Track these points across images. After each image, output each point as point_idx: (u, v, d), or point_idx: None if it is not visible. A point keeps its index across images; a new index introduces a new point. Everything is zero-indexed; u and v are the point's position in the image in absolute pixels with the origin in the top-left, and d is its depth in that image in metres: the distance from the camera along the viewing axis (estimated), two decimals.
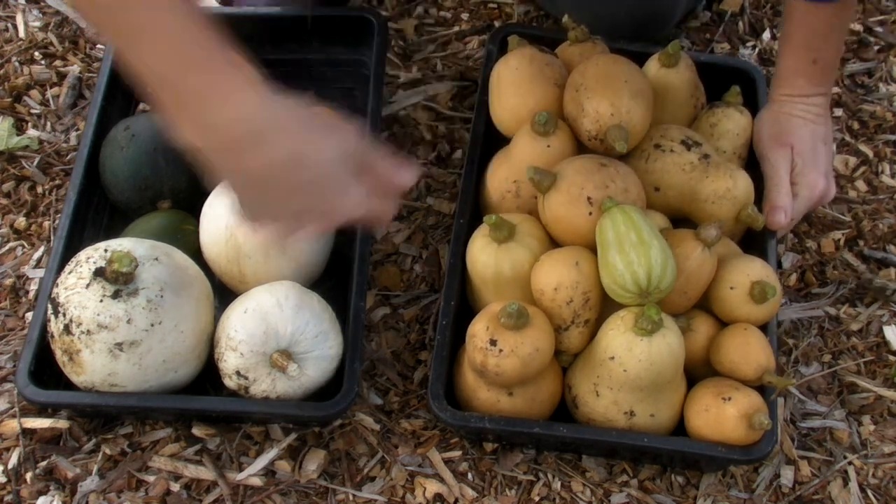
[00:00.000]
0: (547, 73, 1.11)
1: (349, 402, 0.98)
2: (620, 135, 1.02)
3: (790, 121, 1.12)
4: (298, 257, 1.06)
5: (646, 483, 1.04)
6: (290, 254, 1.05)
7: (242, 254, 1.04)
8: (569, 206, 0.99)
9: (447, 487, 1.03)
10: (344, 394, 0.98)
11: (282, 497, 1.01)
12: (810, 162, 1.11)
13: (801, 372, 1.12)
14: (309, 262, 1.07)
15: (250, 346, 0.97)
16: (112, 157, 1.13)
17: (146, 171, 1.11)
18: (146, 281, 0.96)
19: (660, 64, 1.12)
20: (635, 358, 0.93)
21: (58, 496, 1.01)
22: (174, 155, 1.09)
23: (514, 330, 0.95)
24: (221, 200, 1.04)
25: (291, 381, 0.98)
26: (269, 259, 1.04)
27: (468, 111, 1.29)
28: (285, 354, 0.97)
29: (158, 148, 1.11)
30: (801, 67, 1.12)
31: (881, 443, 1.08)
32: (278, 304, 0.98)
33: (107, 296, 0.95)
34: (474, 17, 1.41)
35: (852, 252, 1.21)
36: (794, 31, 1.11)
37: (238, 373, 0.98)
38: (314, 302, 1.01)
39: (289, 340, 0.98)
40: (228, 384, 1.00)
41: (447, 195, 1.22)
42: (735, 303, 1.00)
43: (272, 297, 0.99)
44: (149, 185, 1.12)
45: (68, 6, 1.39)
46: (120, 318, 0.94)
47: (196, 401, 1.03)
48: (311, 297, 1.02)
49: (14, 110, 1.29)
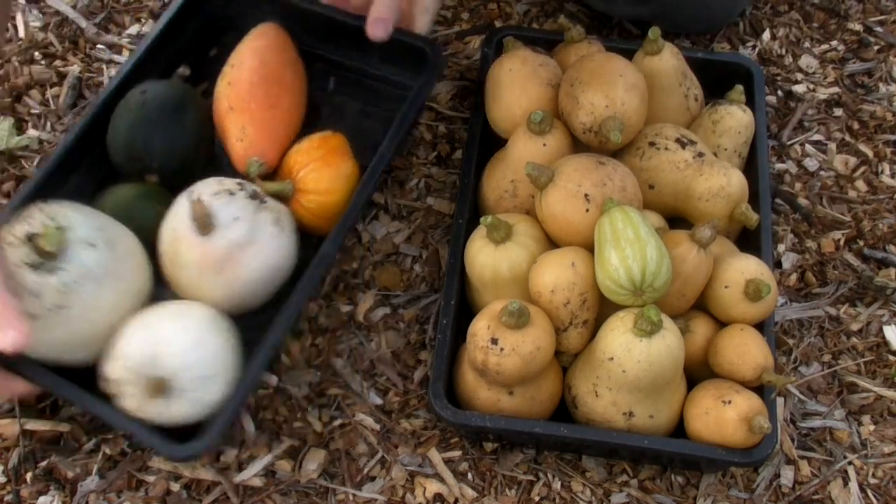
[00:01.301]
0: (541, 74, 1.11)
1: (200, 449, 0.93)
2: (615, 125, 1.02)
3: None
4: (233, 283, 1.00)
5: (646, 483, 1.04)
6: (225, 277, 1.00)
7: (179, 263, 1.00)
8: (566, 202, 1.00)
9: (447, 487, 1.03)
10: (202, 437, 0.93)
11: (282, 497, 1.01)
12: None
13: (801, 372, 1.12)
14: (246, 290, 1.02)
15: (131, 363, 0.93)
16: (118, 118, 1.11)
17: (139, 143, 1.08)
18: (70, 264, 0.93)
19: (644, 53, 1.12)
20: (634, 359, 0.93)
21: (58, 496, 1.01)
22: (178, 132, 1.09)
23: (515, 329, 0.95)
24: (185, 200, 1.01)
25: (159, 411, 0.94)
26: (203, 277, 1.00)
27: (468, 111, 1.29)
28: (159, 386, 0.93)
29: (162, 120, 1.09)
30: None
31: (881, 443, 1.08)
32: (175, 334, 0.94)
33: (26, 262, 0.92)
34: (474, 16, 1.41)
35: (852, 252, 1.21)
36: None
37: (112, 380, 0.94)
38: (218, 340, 0.96)
39: (170, 373, 0.93)
40: (101, 385, 0.96)
41: (447, 195, 1.22)
42: (730, 301, 1.00)
43: (175, 323, 0.95)
44: (139, 157, 1.09)
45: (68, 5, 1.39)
46: (29, 287, 0.92)
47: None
48: (219, 334, 0.97)
49: (14, 110, 1.29)
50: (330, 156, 1.10)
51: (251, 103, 1.13)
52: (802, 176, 1.27)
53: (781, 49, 1.39)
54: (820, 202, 1.25)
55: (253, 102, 1.13)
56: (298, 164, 1.09)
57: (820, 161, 1.29)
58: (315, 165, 1.09)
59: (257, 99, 1.13)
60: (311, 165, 1.09)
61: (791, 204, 1.24)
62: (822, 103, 1.34)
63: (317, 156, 1.09)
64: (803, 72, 1.37)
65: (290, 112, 1.16)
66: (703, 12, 1.26)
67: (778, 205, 1.24)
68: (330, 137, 1.12)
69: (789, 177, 1.27)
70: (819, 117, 1.33)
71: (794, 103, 1.33)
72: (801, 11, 1.43)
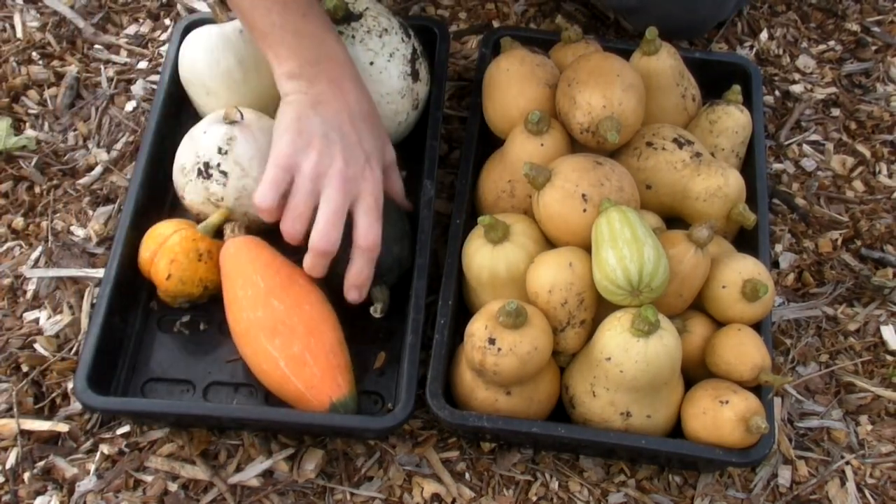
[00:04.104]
0: (538, 74, 1.11)
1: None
2: (612, 125, 1.02)
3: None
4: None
5: (643, 483, 1.04)
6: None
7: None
8: (563, 202, 1.00)
9: (445, 487, 1.03)
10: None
11: (279, 497, 1.01)
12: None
13: (799, 372, 1.12)
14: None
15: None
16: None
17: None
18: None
19: (641, 53, 1.13)
20: (632, 359, 0.93)
21: (55, 496, 1.01)
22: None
23: (512, 329, 0.95)
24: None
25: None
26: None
27: (467, 111, 1.29)
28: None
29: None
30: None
31: (878, 443, 1.08)
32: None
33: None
34: (472, 16, 1.41)
35: (850, 252, 1.21)
36: None
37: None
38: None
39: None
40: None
41: (446, 195, 1.22)
42: (727, 301, 1.00)
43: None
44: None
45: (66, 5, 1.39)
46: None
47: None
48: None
49: (12, 110, 1.29)
50: None
51: None
52: (800, 176, 1.27)
53: (779, 49, 1.39)
54: (817, 202, 1.25)
55: None
56: None
57: (817, 161, 1.29)
58: None
59: None
60: None
61: (788, 204, 1.24)
62: (819, 103, 1.34)
63: None
64: (801, 72, 1.37)
65: None
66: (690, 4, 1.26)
67: (775, 205, 1.24)
68: None
69: (787, 177, 1.27)
70: (816, 117, 1.33)
71: (791, 103, 1.34)
72: (798, 11, 1.43)
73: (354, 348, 1.05)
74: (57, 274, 1.15)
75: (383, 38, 1.12)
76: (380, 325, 1.09)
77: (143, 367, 1.07)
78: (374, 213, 1.02)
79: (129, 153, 1.26)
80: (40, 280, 1.15)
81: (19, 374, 1.08)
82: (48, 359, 1.09)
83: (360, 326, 1.09)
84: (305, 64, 1.02)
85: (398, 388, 1.04)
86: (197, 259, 1.06)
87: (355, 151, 1.02)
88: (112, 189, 1.22)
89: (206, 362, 1.08)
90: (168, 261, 1.05)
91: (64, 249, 1.17)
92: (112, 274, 1.06)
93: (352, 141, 1.02)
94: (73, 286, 1.14)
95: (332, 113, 1.02)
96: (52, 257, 1.17)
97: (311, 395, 0.99)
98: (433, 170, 1.13)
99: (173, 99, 1.20)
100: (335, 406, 0.99)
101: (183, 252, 1.06)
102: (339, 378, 1.00)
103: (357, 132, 1.02)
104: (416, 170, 1.10)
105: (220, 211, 1.08)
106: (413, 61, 1.15)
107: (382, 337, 1.10)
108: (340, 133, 1.01)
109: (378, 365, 1.08)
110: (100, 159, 1.25)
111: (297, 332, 1.00)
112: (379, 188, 1.03)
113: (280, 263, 1.05)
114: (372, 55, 1.11)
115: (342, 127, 1.01)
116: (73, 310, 1.13)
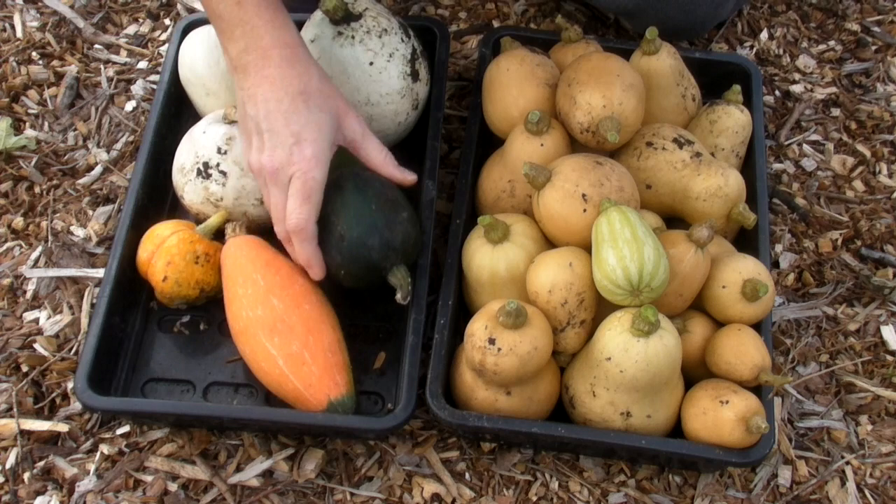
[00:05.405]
0: (538, 74, 1.11)
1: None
2: (612, 125, 1.02)
3: None
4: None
5: (643, 483, 1.04)
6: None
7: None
8: (563, 202, 1.00)
9: (445, 487, 1.03)
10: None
11: (279, 497, 1.01)
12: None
13: (799, 372, 1.12)
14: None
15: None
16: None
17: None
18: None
19: (641, 52, 1.13)
20: (632, 359, 0.93)
21: (55, 496, 1.01)
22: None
23: (512, 329, 0.95)
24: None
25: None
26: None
27: (467, 111, 1.29)
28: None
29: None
30: None
31: (878, 442, 1.08)
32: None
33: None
34: (472, 16, 1.41)
35: (850, 252, 1.21)
36: None
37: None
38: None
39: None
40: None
41: (446, 195, 1.22)
42: (727, 301, 1.00)
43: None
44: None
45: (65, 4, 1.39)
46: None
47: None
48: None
49: (12, 110, 1.29)
50: None
51: None
52: (800, 176, 1.27)
53: (779, 49, 1.39)
54: (817, 202, 1.25)
55: None
56: None
57: (817, 161, 1.29)
58: None
59: None
60: None
61: (788, 204, 1.24)
62: (819, 103, 1.34)
63: None
64: (801, 72, 1.37)
65: None
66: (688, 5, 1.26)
67: (775, 205, 1.24)
68: None
69: (787, 177, 1.27)
70: (817, 117, 1.33)
71: (791, 103, 1.33)
72: (798, 11, 1.43)
73: (354, 348, 1.05)
74: (57, 274, 1.15)
75: (383, 38, 1.12)
76: (380, 325, 1.09)
77: (144, 367, 1.07)
78: (299, 195, 0.99)
79: (128, 153, 1.26)
80: (40, 280, 1.15)
81: (19, 374, 1.08)
82: (48, 359, 1.09)
83: (360, 326, 1.09)
84: (237, 55, 1.00)
85: (398, 388, 1.04)
86: (194, 262, 1.06)
87: (280, 137, 0.99)
88: (112, 189, 1.22)
89: (207, 362, 1.08)
90: (165, 262, 1.05)
91: (64, 249, 1.17)
92: (112, 274, 1.06)
93: (276, 126, 0.99)
94: (73, 286, 1.15)
95: (259, 103, 1.00)
96: (52, 257, 1.17)
97: (309, 393, 0.99)
98: (434, 170, 1.12)
99: (173, 99, 1.20)
100: (333, 405, 0.99)
101: (180, 254, 1.05)
102: (338, 377, 1.00)
103: (284, 115, 0.99)
104: (417, 170, 1.10)
105: (219, 213, 1.08)
106: (413, 61, 1.15)
107: (382, 337, 1.10)
108: (267, 122, 0.99)
109: (378, 365, 1.08)
110: (100, 159, 1.25)
111: (295, 331, 1.00)
112: (311, 167, 0.99)
113: (280, 263, 1.05)
114: (372, 55, 1.11)
115: (269, 115, 0.99)
116: (73, 310, 1.13)
